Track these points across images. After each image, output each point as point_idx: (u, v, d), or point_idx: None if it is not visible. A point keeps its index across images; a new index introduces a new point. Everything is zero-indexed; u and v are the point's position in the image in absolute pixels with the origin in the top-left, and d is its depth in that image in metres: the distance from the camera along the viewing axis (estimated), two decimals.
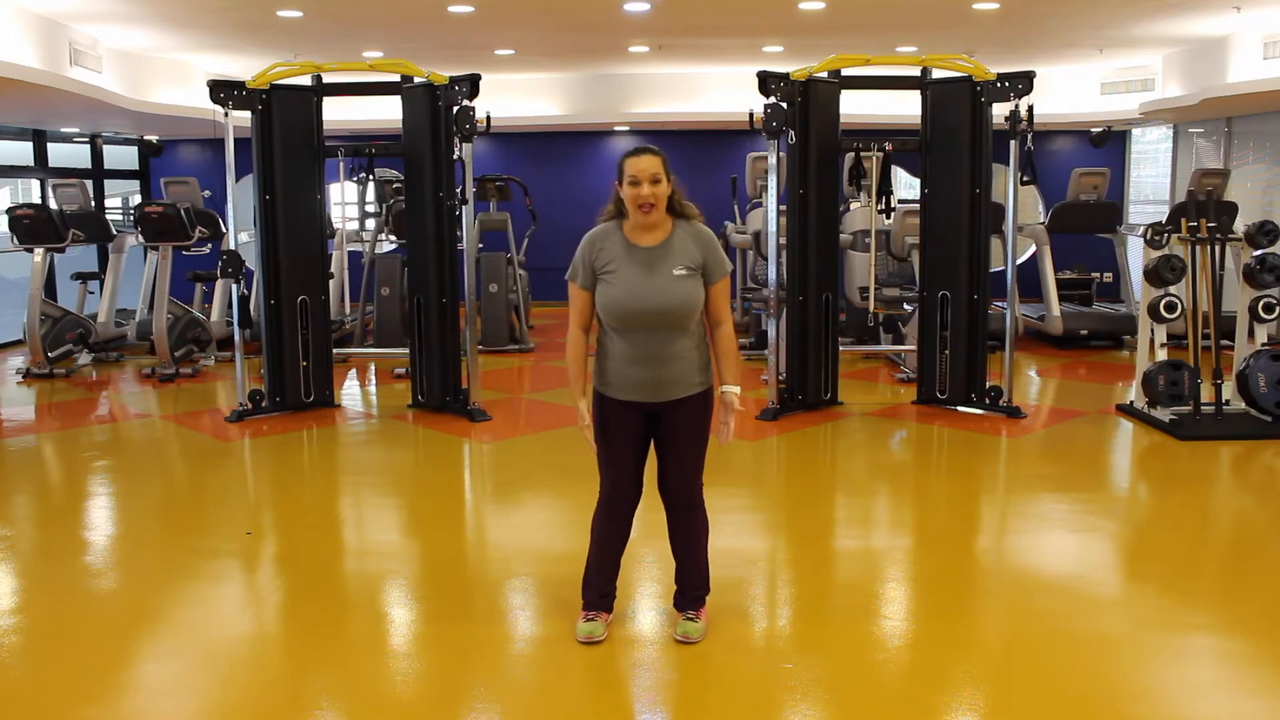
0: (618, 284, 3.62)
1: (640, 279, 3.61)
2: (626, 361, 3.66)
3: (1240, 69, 9.71)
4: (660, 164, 3.60)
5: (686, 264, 3.63)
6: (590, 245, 3.71)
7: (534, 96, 13.27)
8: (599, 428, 3.76)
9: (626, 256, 3.65)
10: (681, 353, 3.66)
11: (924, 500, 5.97)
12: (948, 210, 7.59)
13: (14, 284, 11.73)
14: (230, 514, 5.67)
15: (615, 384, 3.69)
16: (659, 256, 3.63)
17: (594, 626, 3.85)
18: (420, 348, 7.77)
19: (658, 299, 3.59)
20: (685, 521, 3.86)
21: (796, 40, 10.39)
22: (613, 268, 3.64)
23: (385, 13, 8.72)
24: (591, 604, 3.91)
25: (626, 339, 3.65)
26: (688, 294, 3.62)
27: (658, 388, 3.66)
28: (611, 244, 3.68)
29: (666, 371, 3.65)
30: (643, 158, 3.59)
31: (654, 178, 3.58)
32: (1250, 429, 6.93)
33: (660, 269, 3.62)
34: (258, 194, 7.58)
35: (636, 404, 3.69)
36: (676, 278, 3.61)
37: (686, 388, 3.69)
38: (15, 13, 7.95)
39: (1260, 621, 4.09)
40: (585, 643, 3.82)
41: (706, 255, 3.68)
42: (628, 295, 3.60)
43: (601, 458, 3.80)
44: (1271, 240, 7.12)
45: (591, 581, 3.91)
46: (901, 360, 9.26)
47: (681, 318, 3.63)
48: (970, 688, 3.60)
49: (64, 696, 3.54)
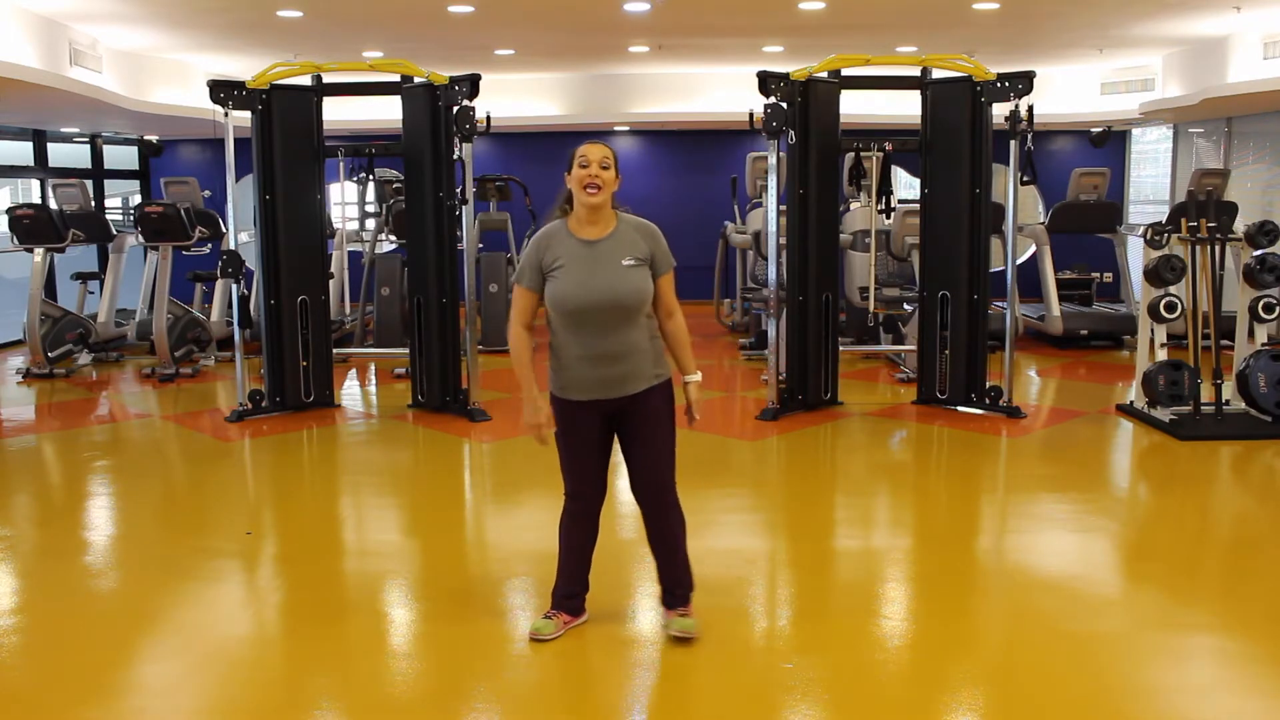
0: (566, 278, 3.62)
1: (589, 271, 3.61)
2: (581, 361, 3.65)
3: (1240, 69, 9.71)
4: (610, 153, 3.67)
5: (635, 255, 3.64)
6: (537, 247, 3.71)
7: (534, 96, 13.27)
8: (560, 432, 3.75)
9: (574, 251, 3.65)
10: (635, 345, 3.66)
11: (924, 500, 5.97)
12: (948, 210, 7.59)
13: (14, 284, 11.72)
14: (230, 514, 5.67)
15: (572, 385, 3.68)
16: (607, 249, 3.64)
17: (545, 624, 3.86)
18: (420, 348, 7.77)
19: (608, 290, 3.59)
20: (660, 520, 3.84)
21: (796, 40, 10.39)
22: (561, 263, 3.64)
23: (385, 13, 8.72)
24: (554, 603, 3.93)
25: (578, 336, 3.64)
26: (637, 284, 3.63)
27: (615, 383, 3.65)
28: (558, 242, 3.68)
29: (622, 366, 3.64)
30: (594, 144, 3.67)
31: (603, 162, 3.62)
32: (1250, 429, 6.93)
33: (608, 261, 3.62)
34: (258, 194, 7.58)
35: (596, 403, 3.68)
36: (626, 268, 3.62)
37: (644, 380, 3.68)
38: (15, 13, 7.95)
39: (1260, 621, 4.09)
40: (533, 639, 3.83)
41: (653, 248, 3.70)
42: (577, 287, 3.60)
43: (564, 462, 3.80)
44: (1271, 240, 7.12)
45: (558, 584, 3.93)
46: (901, 360, 9.26)
47: (632, 308, 3.62)
48: (970, 688, 3.60)
49: (64, 696, 3.54)
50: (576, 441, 3.75)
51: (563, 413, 3.74)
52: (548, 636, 3.84)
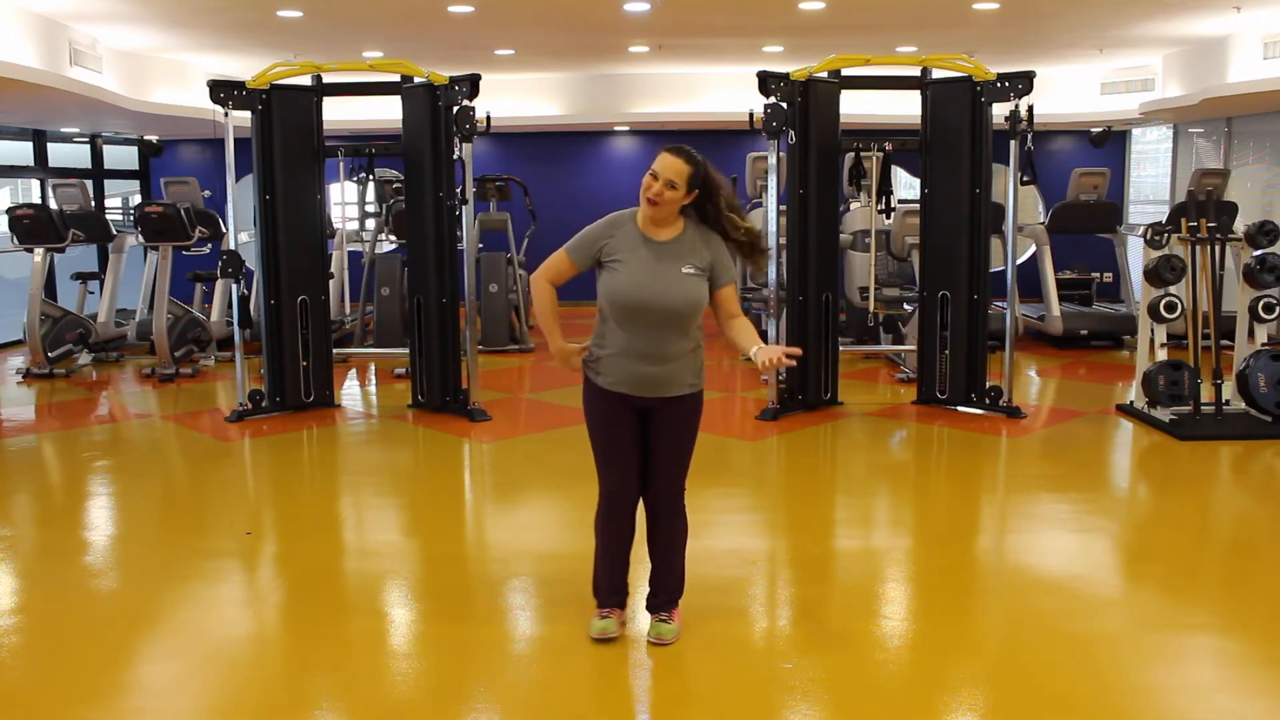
0: (624, 273, 3.59)
1: (647, 272, 3.59)
2: (624, 355, 3.64)
3: (1240, 69, 9.71)
4: (684, 172, 3.54)
5: (695, 264, 3.62)
6: (601, 230, 3.67)
7: (534, 96, 13.27)
8: (591, 418, 3.75)
9: (637, 247, 3.63)
10: (679, 353, 3.65)
11: (924, 500, 5.97)
12: (948, 210, 7.59)
13: (14, 284, 11.72)
14: (230, 514, 5.67)
15: (609, 376, 3.67)
16: (669, 252, 3.62)
17: (607, 624, 3.84)
18: (420, 348, 7.77)
19: (663, 295, 3.57)
20: (666, 525, 3.84)
21: (796, 40, 10.39)
22: (621, 257, 3.62)
23: (385, 13, 8.72)
24: (604, 601, 3.90)
25: (627, 332, 3.63)
26: (693, 293, 3.60)
27: (651, 384, 3.64)
28: (625, 233, 3.66)
29: (661, 369, 3.63)
30: (675, 160, 3.55)
31: (670, 182, 3.54)
32: (1250, 429, 6.93)
33: (669, 265, 3.60)
34: (258, 194, 7.58)
35: (628, 397, 3.68)
36: (684, 275, 3.60)
37: (680, 387, 3.68)
38: (15, 13, 7.95)
39: (1260, 621, 4.09)
40: (599, 639, 3.81)
41: (715, 258, 3.67)
42: (634, 286, 3.58)
43: (598, 455, 3.79)
44: (1271, 240, 7.12)
45: (601, 582, 3.91)
46: (901, 360, 9.26)
47: (684, 317, 3.61)
48: (970, 688, 3.60)
49: (64, 696, 3.54)
50: (611, 433, 3.72)
51: (596, 401, 3.73)
52: (614, 635, 3.83)
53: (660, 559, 3.89)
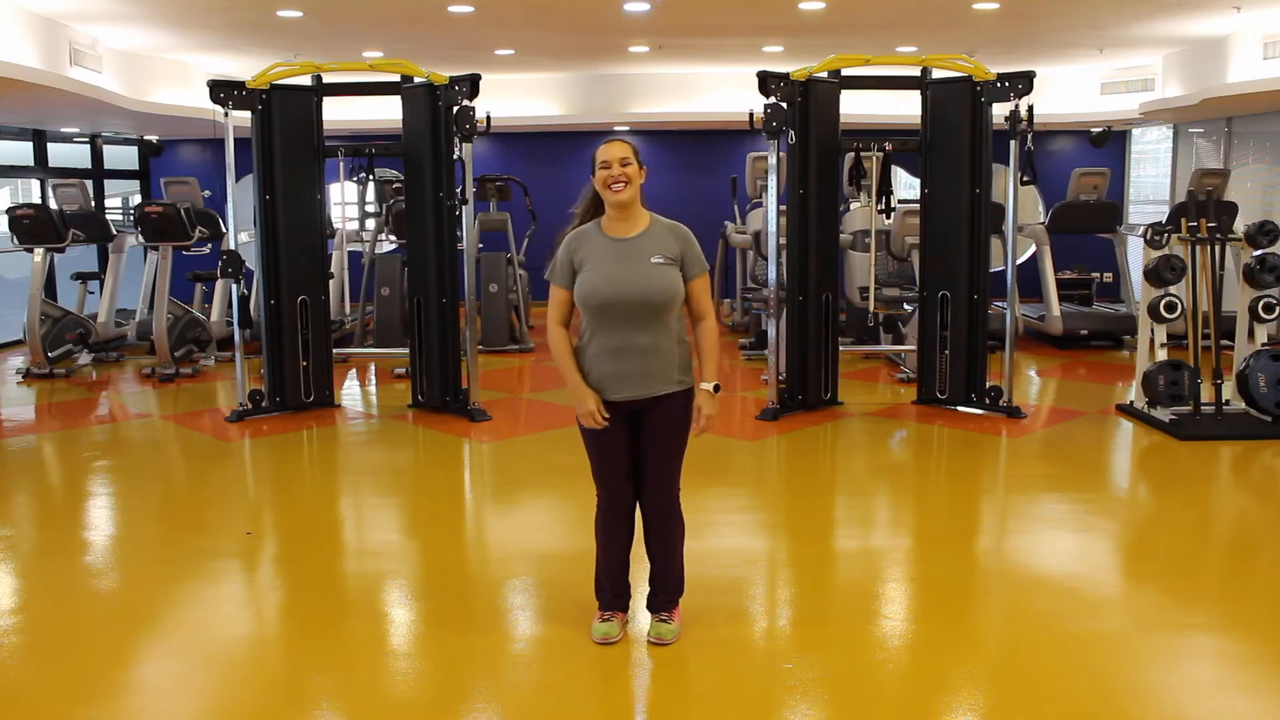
0: (595, 273, 3.63)
1: (618, 267, 3.62)
2: (607, 355, 3.65)
3: (1240, 69, 9.71)
4: (629, 148, 3.68)
5: (665, 254, 3.65)
6: (568, 246, 3.73)
7: (534, 96, 13.27)
8: (586, 431, 3.75)
9: (604, 248, 3.67)
10: (660, 346, 3.65)
11: (924, 500, 5.97)
12: (948, 210, 7.59)
13: (14, 284, 11.72)
14: (230, 514, 5.67)
15: (596, 382, 3.68)
16: (637, 247, 3.66)
17: (609, 627, 3.85)
18: (420, 348, 7.77)
19: (637, 285, 3.59)
20: (662, 525, 3.85)
21: (796, 40, 10.39)
22: (591, 262, 3.66)
23: (385, 13, 8.72)
24: (606, 604, 3.91)
25: (606, 332, 3.64)
26: (667, 281, 3.63)
27: (634, 379, 3.64)
28: (589, 240, 3.70)
29: (643, 363, 3.64)
30: (613, 144, 3.67)
31: (623, 160, 3.63)
32: (1250, 429, 6.93)
33: (639, 258, 3.63)
34: (258, 194, 7.58)
35: (618, 403, 3.68)
36: (655, 265, 3.63)
37: (668, 383, 3.68)
38: (15, 13, 7.95)
39: (1260, 621, 4.09)
40: (601, 643, 3.82)
41: (684, 250, 3.70)
42: (607, 282, 3.60)
43: (593, 462, 3.81)
44: (1271, 240, 7.12)
45: (603, 583, 3.91)
46: (901, 360, 9.26)
47: (660, 306, 3.62)
48: (970, 688, 3.60)
49: (64, 696, 3.54)
50: (604, 442, 3.74)
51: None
52: (616, 638, 3.84)
53: (659, 558, 3.90)
